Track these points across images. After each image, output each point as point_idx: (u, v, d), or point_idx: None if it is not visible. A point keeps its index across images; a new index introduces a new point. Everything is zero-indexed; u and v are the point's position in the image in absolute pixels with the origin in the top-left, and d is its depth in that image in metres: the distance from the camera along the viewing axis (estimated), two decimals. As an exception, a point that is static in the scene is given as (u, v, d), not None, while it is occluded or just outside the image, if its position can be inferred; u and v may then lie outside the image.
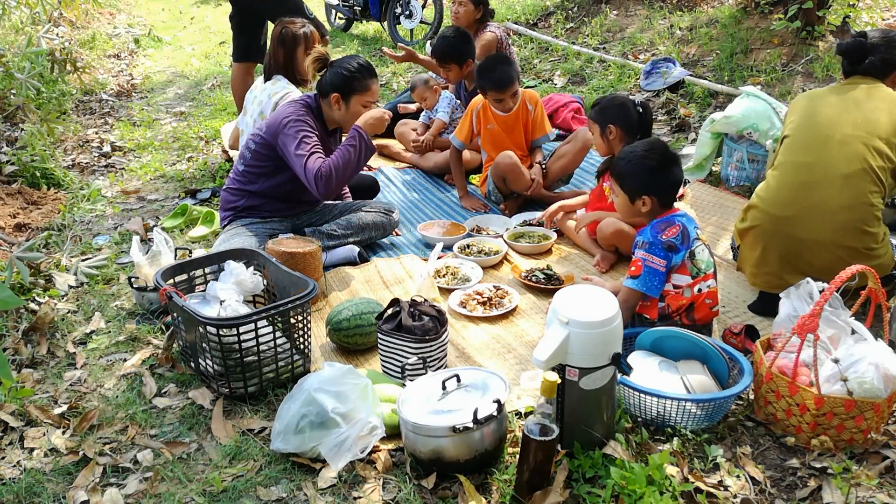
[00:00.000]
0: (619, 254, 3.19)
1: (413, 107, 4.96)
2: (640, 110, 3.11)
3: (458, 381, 2.05)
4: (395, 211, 3.48)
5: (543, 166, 3.81)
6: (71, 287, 3.09)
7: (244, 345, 2.26)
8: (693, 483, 1.86)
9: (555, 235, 3.42)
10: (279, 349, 2.34)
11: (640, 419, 2.13)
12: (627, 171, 2.53)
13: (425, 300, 2.48)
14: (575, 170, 3.95)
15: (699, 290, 2.41)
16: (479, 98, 3.84)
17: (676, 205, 2.57)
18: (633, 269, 2.44)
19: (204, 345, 2.31)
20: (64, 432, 2.22)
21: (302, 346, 2.43)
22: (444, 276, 3.10)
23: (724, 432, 2.10)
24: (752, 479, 1.92)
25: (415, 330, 2.32)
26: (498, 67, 3.69)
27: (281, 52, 3.65)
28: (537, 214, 3.59)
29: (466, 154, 4.12)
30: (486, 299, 2.90)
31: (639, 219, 2.62)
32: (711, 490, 1.86)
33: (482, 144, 3.94)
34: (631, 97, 3.24)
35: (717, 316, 2.52)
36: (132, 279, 2.88)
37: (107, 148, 5.13)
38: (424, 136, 4.49)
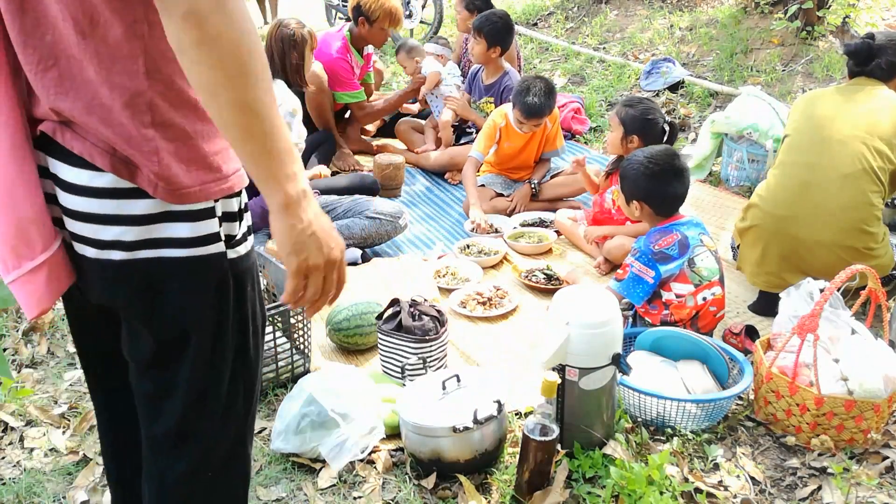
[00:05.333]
0: None
1: (414, 107, 4.96)
2: (668, 128, 3.06)
3: (458, 381, 2.05)
4: (402, 216, 3.36)
5: (535, 187, 3.76)
6: (71, 287, 3.08)
7: (244, 345, 2.26)
8: (693, 483, 1.87)
9: (555, 235, 3.42)
10: (279, 349, 2.34)
11: (640, 419, 2.13)
12: (626, 173, 2.57)
13: (425, 300, 2.48)
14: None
15: (704, 299, 2.41)
16: (499, 114, 3.77)
17: (682, 210, 2.57)
18: (619, 272, 2.50)
19: (204, 345, 2.31)
20: (64, 432, 2.22)
21: (302, 346, 2.43)
22: (444, 276, 3.10)
23: (724, 432, 2.10)
24: (752, 479, 1.93)
25: (415, 330, 2.32)
26: (538, 97, 3.52)
27: (292, 54, 3.53)
28: (537, 215, 3.61)
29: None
30: (486, 299, 2.90)
31: (640, 221, 2.63)
32: (711, 490, 1.86)
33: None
34: (661, 110, 3.11)
35: (721, 321, 2.52)
36: (132, 279, 2.87)
37: (107, 148, 5.12)
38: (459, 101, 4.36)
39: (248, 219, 1.19)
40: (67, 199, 1.07)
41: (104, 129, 1.03)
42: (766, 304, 2.68)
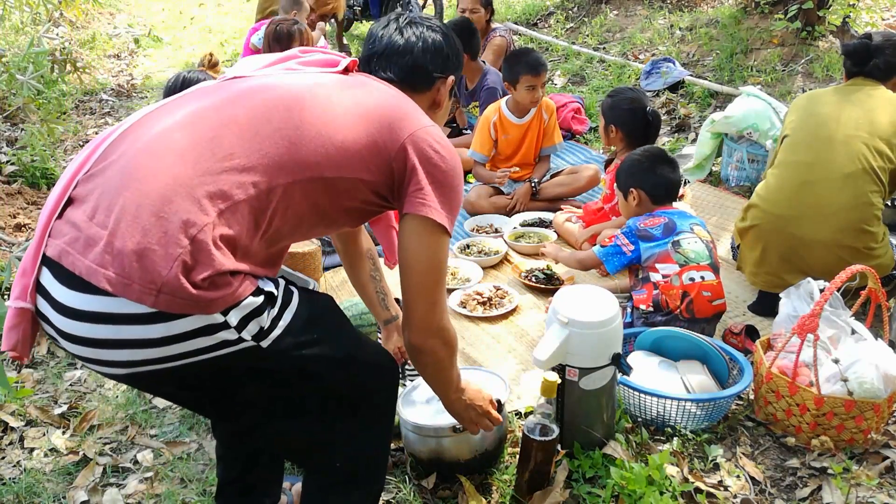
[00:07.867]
0: None
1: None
2: (650, 118, 3.12)
3: (458, 381, 2.05)
4: None
5: (535, 186, 3.75)
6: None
7: (244, 345, 2.25)
8: (693, 483, 1.86)
9: (555, 235, 3.42)
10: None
11: (640, 419, 2.13)
12: (621, 170, 2.70)
13: (425, 300, 2.47)
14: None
15: (691, 280, 2.41)
16: (492, 108, 3.78)
17: (677, 205, 2.61)
18: (606, 241, 2.62)
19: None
20: (64, 432, 2.22)
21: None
22: (444, 276, 3.10)
23: (724, 432, 2.10)
24: (752, 479, 1.92)
25: (415, 330, 2.32)
26: (531, 53, 3.70)
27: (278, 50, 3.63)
28: (537, 215, 3.60)
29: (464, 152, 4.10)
30: (486, 299, 2.90)
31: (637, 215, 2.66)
32: (711, 490, 1.86)
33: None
34: (645, 99, 3.21)
35: (722, 310, 2.50)
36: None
37: (107, 148, 5.12)
38: None
39: (279, 301, 1.24)
40: (60, 322, 1.11)
41: (141, 216, 1.08)
42: (766, 304, 2.68)
